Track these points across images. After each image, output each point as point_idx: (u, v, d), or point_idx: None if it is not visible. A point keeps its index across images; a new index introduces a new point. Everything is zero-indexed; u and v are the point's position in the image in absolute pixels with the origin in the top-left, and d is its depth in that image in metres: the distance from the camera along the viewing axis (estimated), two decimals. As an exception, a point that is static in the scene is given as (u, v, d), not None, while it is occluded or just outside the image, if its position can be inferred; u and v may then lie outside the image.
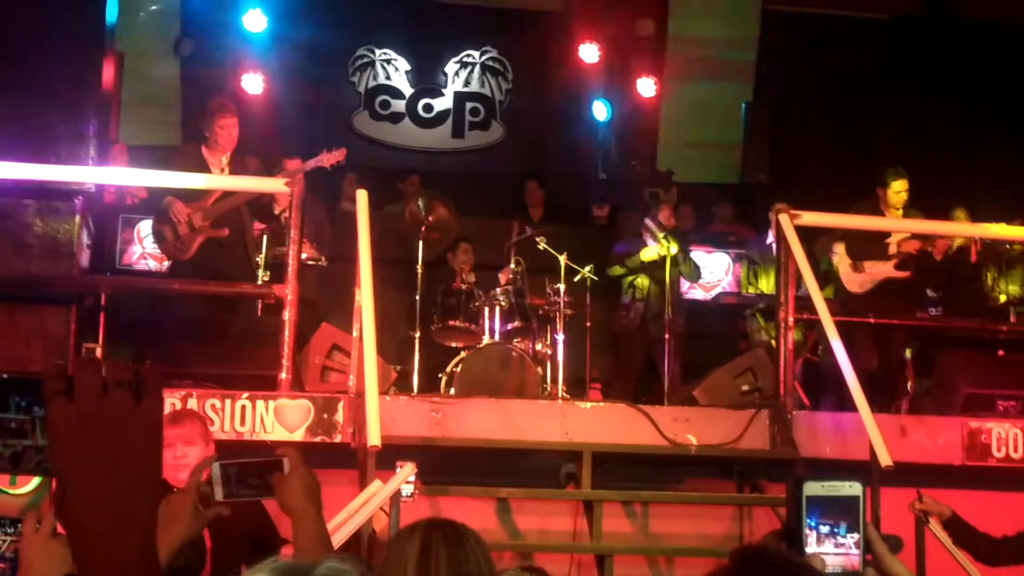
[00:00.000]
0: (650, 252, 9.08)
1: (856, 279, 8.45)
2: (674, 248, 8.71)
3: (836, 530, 2.10)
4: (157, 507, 1.39)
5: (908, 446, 6.71)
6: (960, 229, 8.58)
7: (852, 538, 2.10)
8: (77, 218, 7.07)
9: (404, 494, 5.33)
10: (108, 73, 7.57)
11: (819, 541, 2.08)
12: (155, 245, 8.33)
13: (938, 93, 12.57)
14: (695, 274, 9.55)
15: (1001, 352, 8.19)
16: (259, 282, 8.06)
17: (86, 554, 1.34)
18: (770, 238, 9.19)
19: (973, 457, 6.81)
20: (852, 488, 2.14)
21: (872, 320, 7.94)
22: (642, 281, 9.22)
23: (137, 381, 1.38)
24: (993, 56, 12.44)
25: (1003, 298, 9.13)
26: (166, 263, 8.50)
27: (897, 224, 8.35)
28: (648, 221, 9.06)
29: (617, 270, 9.35)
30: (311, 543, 2.51)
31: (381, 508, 5.22)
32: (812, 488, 2.14)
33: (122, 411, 1.36)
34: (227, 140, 7.79)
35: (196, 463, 4.41)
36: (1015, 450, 6.80)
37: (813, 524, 2.08)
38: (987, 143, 12.04)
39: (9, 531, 3.95)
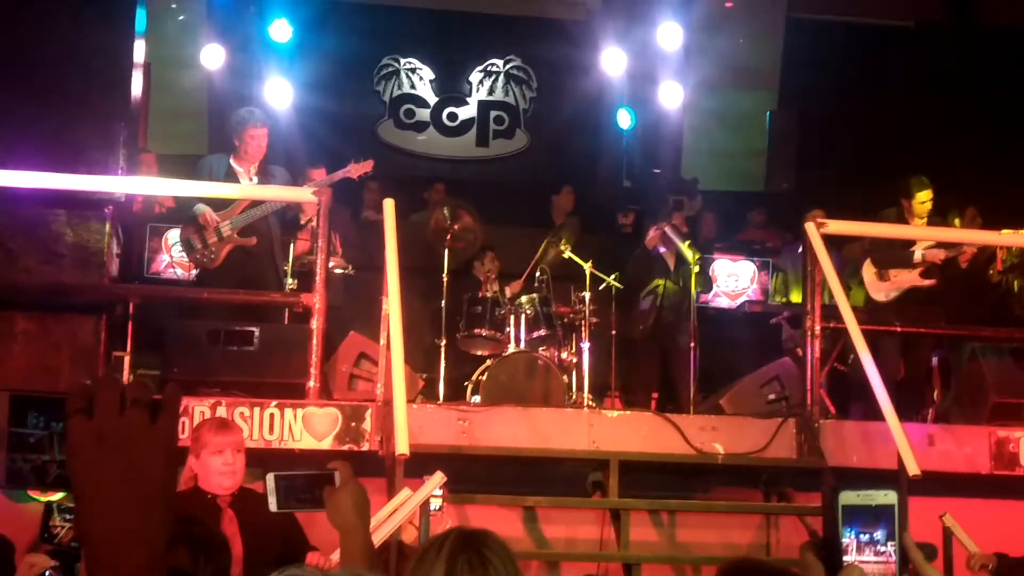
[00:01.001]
0: (651, 240, 9.04)
1: (882, 288, 8.43)
2: (688, 252, 8.69)
3: (875, 538, 2.11)
4: (168, 522, 1.44)
5: (936, 455, 6.70)
6: (987, 238, 8.53)
7: (891, 546, 2.11)
8: (107, 228, 7.13)
9: (432, 508, 5.35)
10: (137, 83, 7.63)
11: (859, 550, 2.09)
12: (183, 253, 8.39)
13: (962, 99, 12.53)
14: (707, 286, 9.58)
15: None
16: (286, 290, 8.12)
17: (96, 564, 1.39)
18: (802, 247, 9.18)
19: (1001, 466, 6.79)
20: (887, 496, 2.15)
21: (899, 329, 7.93)
22: (659, 288, 9.22)
23: (154, 400, 1.43)
24: (1016, 61, 12.40)
25: (1030, 306, 9.09)
26: (193, 272, 8.55)
27: (923, 232, 8.34)
28: (667, 230, 9.04)
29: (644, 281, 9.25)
30: (358, 557, 2.54)
31: (410, 522, 5.24)
32: (848, 497, 2.15)
33: (137, 429, 1.41)
34: (256, 150, 7.85)
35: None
36: (1043, 459, 6.78)
37: (853, 533, 2.09)
38: (1012, 150, 11.99)
39: (68, 518, 3.95)
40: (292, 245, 8.35)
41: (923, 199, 8.25)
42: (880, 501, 2.11)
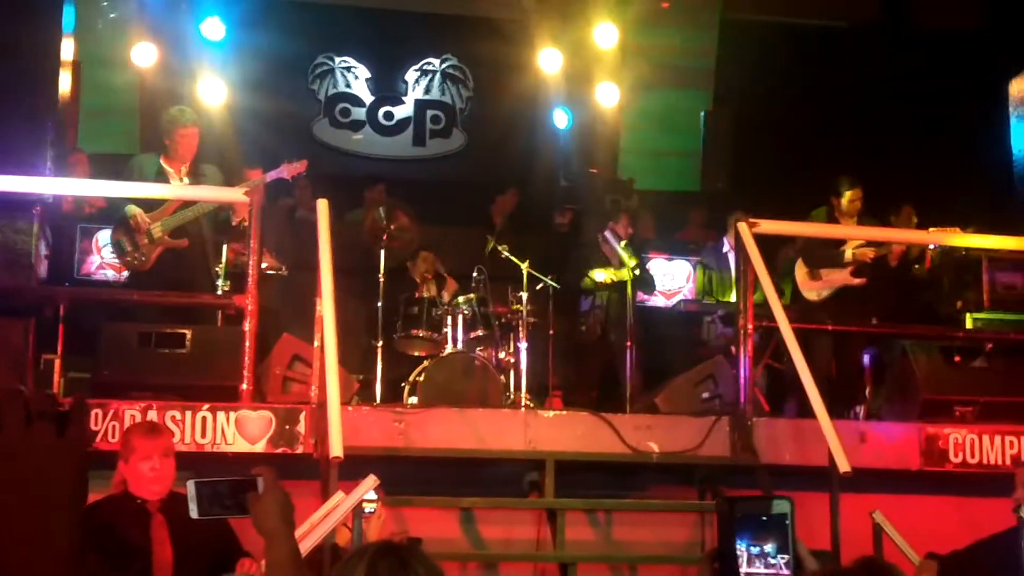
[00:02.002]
0: (601, 275, 9.17)
1: (813, 287, 8.52)
2: (632, 261, 8.76)
3: (766, 550, 2.09)
4: (77, 535, 1.42)
5: (867, 452, 6.78)
6: (915, 237, 8.64)
7: (782, 559, 2.09)
8: (35, 229, 7.01)
9: (367, 511, 5.32)
10: (66, 82, 7.51)
11: (750, 562, 2.07)
12: (113, 256, 8.27)
13: (896, 100, 12.70)
14: (649, 287, 9.63)
15: (957, 358, 8.27)
16: (219, 292, 8.03)
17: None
18: (726, 246, 9.30)
19: (930, 462, 6.89)
20: (780, 506, 2.13)
21: (830, 327, 8.01)
22: (600, 289, 9.27)
23: (61, 412, 1.41)
24: (949, 63, 12.58)
25: (959, 304, 9.22)
26: (124, 273, 8.43)
27: (854, 232, 8.44)
28: (607, 235, 9.11)
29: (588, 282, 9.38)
30: (283, 563, 2.53)
31: (344, 524, 5.21)
32: (742, 508, 2.13)
33: (45, 442, 1.39)
34: (187, 150, 7.76)
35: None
36: (971, 455, 6.88)
37: (744, 545, 2.07)
38: (943, 150, 12.16)
39: None
40: (225, 247, 8.26)
41: (852, 198, 8.35)
42: (773, 511, 2.10)
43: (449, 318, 8.60)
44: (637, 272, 8.74)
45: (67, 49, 7.48)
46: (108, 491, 4.98)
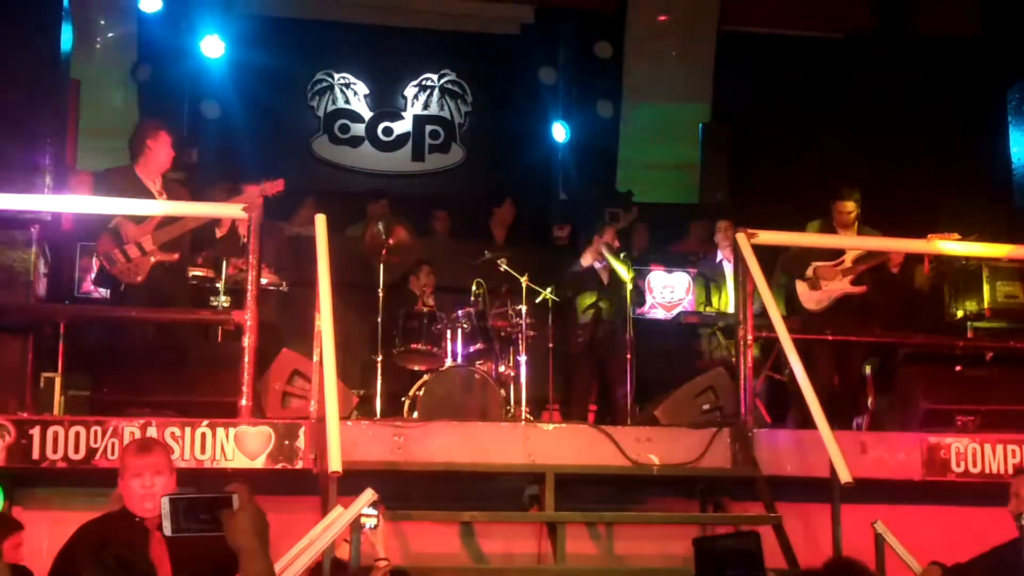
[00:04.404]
0: (587, 258, 9.21)
1: (813, 297, 8.49)
2: (623, 269, 8.78)
3: None
4: None
5: (868, 462, 6.74)
6: (914, 245, 8.61)
7: None
8: (33, 247, 7.02)
9: (368, 526, 5.30)
10: (63, 101, 7.52)
11: None
12: (103, 269, 8.19)
13: (893, 109, 12.70)
14: (640, 301, 9.67)
15: (959, 367, 8.26)
16: (219, 307, 8.01)
17: None
18: (719, 255, 9.31)
19: (932, 472, 6.85)
20: (749, 541, 2.14)
21: (830, 337, 7.99)
22: (598, 302, 9.29)
23: None
24: (946, 71, 12.59)
25: (960, 314, 9.22)
26: (105, 290, 8.27)
27: (851, 242, 8.41)
28: (603, 249, 9.17)
29: (581, 294, 9.42)
30: None
31: (344, 538, 5.20)
32: (711, 544, 2.14)
33: None
34: (161, 161, 7.67)
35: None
36: (974, 465, 6.85)
37: None
38: (943, 158, 12.16)
39: None
40: (224, 262, 8.25)
41: (841, 209, 8.33)
42: (742, 547, 2.11)
43: (448, 332, 8.59)
44: (630, 286, 8.79)
45: (64, 69, 7.50)
46: (107, 508, 4.98)
